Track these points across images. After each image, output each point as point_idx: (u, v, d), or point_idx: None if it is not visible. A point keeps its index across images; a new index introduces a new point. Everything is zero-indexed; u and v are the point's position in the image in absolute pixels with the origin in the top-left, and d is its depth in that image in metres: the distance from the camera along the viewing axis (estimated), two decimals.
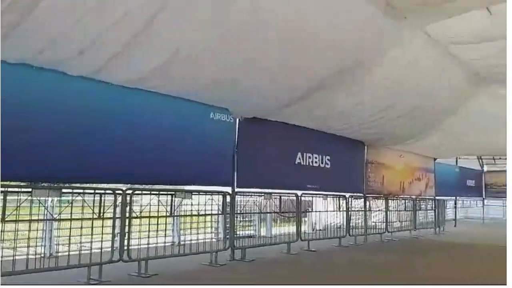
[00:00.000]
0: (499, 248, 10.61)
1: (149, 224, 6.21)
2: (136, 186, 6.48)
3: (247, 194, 8.15)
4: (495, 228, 16.60)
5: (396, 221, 12.68)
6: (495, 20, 6.26)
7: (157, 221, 6.40)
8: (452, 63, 8.16)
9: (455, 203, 18.17)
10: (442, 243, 11.56)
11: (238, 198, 7.86)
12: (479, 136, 13.63)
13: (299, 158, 9.43)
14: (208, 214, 7.51)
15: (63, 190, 5.38)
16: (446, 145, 13.56)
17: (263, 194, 8.37)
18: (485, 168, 21.58)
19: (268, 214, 9.24)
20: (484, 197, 21.09)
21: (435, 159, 15.59)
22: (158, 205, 6.44)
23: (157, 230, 6.37)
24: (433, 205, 14.25)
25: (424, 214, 14.07)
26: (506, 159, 21.03)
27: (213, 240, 8.07)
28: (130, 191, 6.01)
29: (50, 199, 5.77)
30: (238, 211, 8.01)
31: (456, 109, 10.55)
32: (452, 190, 17.69)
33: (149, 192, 6.47)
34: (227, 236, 7.60)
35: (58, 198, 5.74)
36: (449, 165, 18.32)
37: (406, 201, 13.23)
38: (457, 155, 18.64)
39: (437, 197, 14.97)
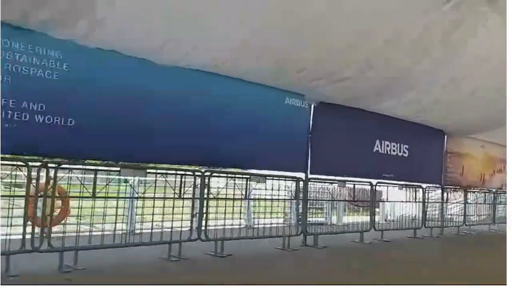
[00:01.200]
0: None
1: (225, 206, 6.35)
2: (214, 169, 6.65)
3: (320, 180, 8.04)
4: None
5: (474, 215, 12.02)
6: None
7: (233, 204, 6.51)
8: None
9: None
10: None
11: (309, 184, 7.79)
12: None
13: (377, 146, 9.16)
14: (282, 199, 7.53)
15: (148, 171, 5.63)
16: None
17: (336, 182, 8.22)
18: None
19: (341, 202, 9.06)
20: None
21: None
22: (234, 188, 6.54)
23: (232, 213, 6.48)
24: None
25: (504, 208, 13.16)
26: None
27: (284, 225, 8.10)
28: (208, 173, 6.16)
29: (137, 178, 6.04)
30: (310, 198, 7.93)
31: None
32: None
33: (225, 175, 6.58)
34: (300, 222, 7.59)
35: (144, 178, 6.01)
36: None
37: (486, 193, 12.45)
38: None
39: None
